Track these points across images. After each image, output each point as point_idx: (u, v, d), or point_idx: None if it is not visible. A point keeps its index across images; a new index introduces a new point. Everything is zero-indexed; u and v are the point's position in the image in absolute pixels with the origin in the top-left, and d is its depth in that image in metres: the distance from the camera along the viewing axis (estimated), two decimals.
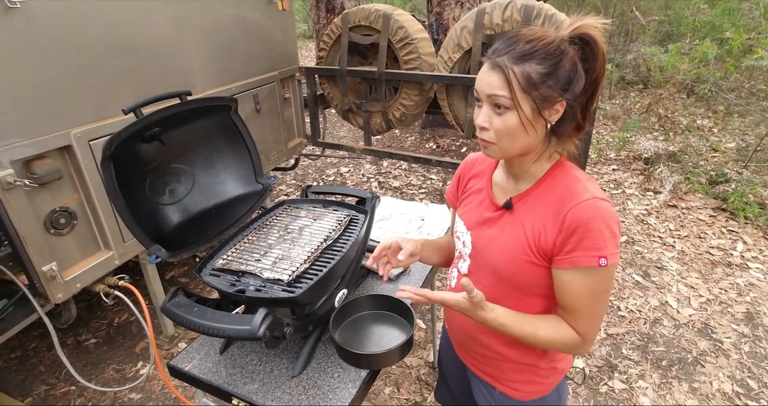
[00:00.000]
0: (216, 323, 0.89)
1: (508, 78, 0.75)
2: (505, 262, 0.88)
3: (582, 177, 0.84)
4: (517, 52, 0.75)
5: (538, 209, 0.85)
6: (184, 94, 1.20)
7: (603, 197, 0.80)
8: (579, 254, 0.79)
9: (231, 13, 2.27)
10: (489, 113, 0.79)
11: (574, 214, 0.79)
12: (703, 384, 2.02)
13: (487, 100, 0.79)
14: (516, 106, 0.76)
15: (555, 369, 1.00)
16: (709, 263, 2.84)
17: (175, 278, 2.77)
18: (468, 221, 0.99)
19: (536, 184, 0.87)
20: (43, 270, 1.52)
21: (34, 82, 1.46)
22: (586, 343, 0.87)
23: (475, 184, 1.01)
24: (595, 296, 0.82)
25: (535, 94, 0.75)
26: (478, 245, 0.95)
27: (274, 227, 1.29)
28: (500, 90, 0.76)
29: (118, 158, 1.03)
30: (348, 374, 1.09)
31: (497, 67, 0.76)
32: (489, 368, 1.03)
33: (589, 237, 0.78)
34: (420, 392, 2.01)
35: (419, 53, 2.70)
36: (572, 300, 0.84)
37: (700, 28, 4.48)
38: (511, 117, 0.77)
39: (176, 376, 1.14)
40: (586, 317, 0.84)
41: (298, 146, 3.05)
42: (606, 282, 0.82)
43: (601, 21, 0.77)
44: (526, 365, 0.98)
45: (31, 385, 2.05)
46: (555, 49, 0.75)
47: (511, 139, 0.80)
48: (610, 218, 0.78)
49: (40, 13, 1.44)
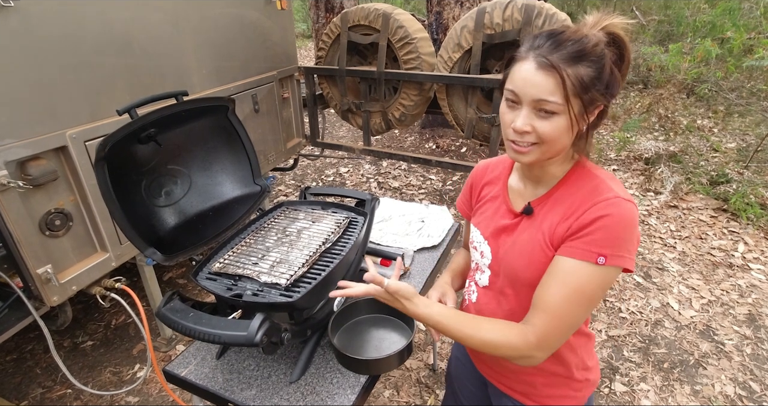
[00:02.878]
0: (212, 329, 0.87)
1: (563, 80, 0.69)
2: (525, 268, 0.83)
3: (606, 177, 0.80)
4: (569, 52, 0.70)
5: (557, 210, 0.81)
6: (180, 95, 1.18)
7: (627, 198, 0.75)
8: (579, 246, 0.74)
9: (229, 12, 2.25)
10: (530, 116, 0.73)
11: (594, 209, 0.75)
12: (705, 387, 2.00)
13: (530, 104, 0.73)
14: (568, 110, 0.71)
15: (588, 381, 0.94)
16: (710, 264, 2.83)
17: (173, 279, 2.75)
18: (485, 231, 0.94)
19: (556, 186, 0.83)
20: (38, 273, 1.50)
21: (28, 82, 1.44)
22: (540, 349, 0.77)
23: (490, 192, 0.97)
24: (576, 298, 0.75)
25: (585, 98, 0.71)
26: (498, 254, 0.90)
27: (272, 230, 1.27)
28: (551, 95, 0.70)
29: (113, 160, 1.01)
30: (347, 380, 1.07)
31: (550, 67, 0.69)
32: (519, 385, 0.96)
33: (599, 233, 0.73)
34: (420, 394, 1.99)
35: (419, 53, 2.68)
36: (551, 292, 0.76)
37: (701, 27, 4.47)
38: (560, 121, 0.72)
39: (172, 381, 1.12)
40: (554, 317, 0.76)
41: (297, 146, 3.03)
42: (596, 286, 0.74)
43: (627, 21, 0.73)
44: (560, 377, 0.92)
45: (27, 388, 2.03)
46: (600, 51, 0.71)
47: (553, 144, 0.75)
48: (629, 219, 0.73)
49: (35, 12, 1.42)
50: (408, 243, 1.64)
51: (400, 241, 1.65)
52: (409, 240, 1.66)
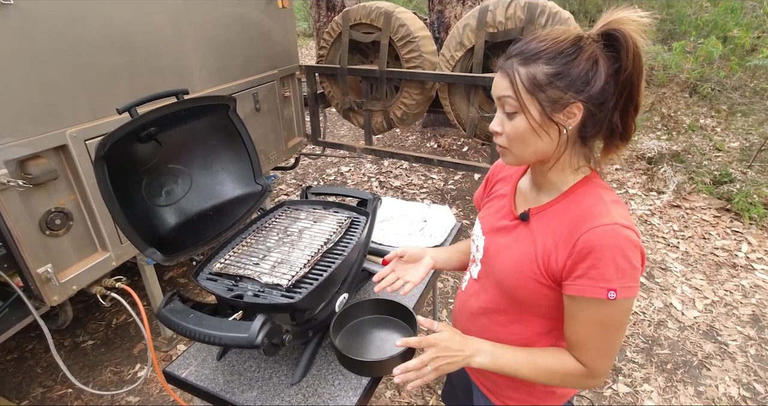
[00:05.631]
0: (212, 331, 0.86)
1: (512, 80, 0.73)
2: (510, 274, 0.85)
3: (608, 198, 0.77)
4: (525, 54, 0.74)
5: (554, 225, 0.80)
6: (180, 93, 1.17)
7: (626, 224, 0.72)
8: (586, 283, 0.73)
9: (230, 10, 2.24)
10: (501, 118, 0.78)
11: (587, 237, 0.72)
12: (708, 388, 1.99)
13: (498, 104, 0.78)
14: (522, 108, 0.74)
15: (553, 393, 0.95)
16: (713, 264, 2.81)
17: (174, 278, 2.74)
18: (485, 226, 0.96)
19: (557, 198, 0.82)
20: (38, 272, 1.50)
21: (28, 80, 1.43)
22: (595, 377, 0.80)
23: (500, 189, 0.98)
24: (605, 329, 0.76)
25: (541, 96, 0.72)
26: (489, 251, 0.92)
27: (273, 230, 1.26)
28: (506, 91, 0.75)
29: (113, 159, 1.00)
30: (349, 382, 1.06)
31: (501, 69, 0.76)
32: (486, 381, 1.01)
33: (600, 266, 0.71)
34: (422, 395, 1.98)
35: (421, 51, 2.66)
36: (579, 330, 0.78)
37: (703, 26, 4.45)
38: (520, 121, 0.75)
39: (172, 383, 1.12)
40: (594, 349, 0.78)
41: (299, 145, 3.02)
42: (619, 316, 0.75)
43: (639, 13, 0.69)
44: (519, 383, 0.93)
45: (28, 387, 2.02)
46: (568, 47, 0.71)
47: (521, 145, 0.77)
48: (629, 248, 0.71)
49: (35, 10, 1.41)
50: (410, 243, 1.63)
51: (402, 241, 1.64)
52: (411, 240, 1.65)
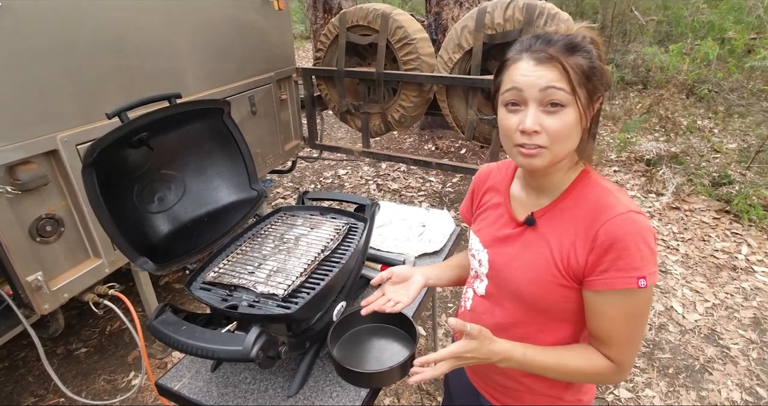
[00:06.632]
0: (205, 344, 0.83)
1: (566, 70, 0.68)
2: (529, 283, 0.80)
3: (612, 188, 0.77)
4: (562, 45, 0.70)
5: (565, 224, 0.77)
6: (173, 97, 1.14)
7: (638, 211, 0.73)
8: (615, 275, 0.71)
9: (226, 12, 2.21)
10: (538, 115, 0.70)
11: (608, 229, 0.71)
12: (711, 392, 1.97)
13: (537, 100, 0.70)
14: (576, 100, 0.69)
15: (581, 402, 0.92)
16: (713, 267, 2.79)
17: (169, 284, 2.71)
18: (484, 239, 0.91)
19: (561, 197, 0.79)
20: (28, 280, 1.46)
21: (18, 83, 1.40)
22: (623, 371, 0.79)
23: (491, 199, 0.93)
24: (632, 320, 0.75)
25: (589, 87, 0.70)
26: (497, 264, 0.87)
27: (268, 237, 1.23)
28: (559, 82, 0.68)
29: (103, 165, 0.97)
30: (347, 394, 1.03)
31: (550, 59, 0.68)
32: (508, 400, 0.94)
33: (626, 256, 0.70)
34: (421, 401, 1.95)
35: (418, 53, 2.64)
36: (607, 325, 0.76)
37: (699, 28, 4.45)
38: (569, 114, 0.70)
39: (165, 395, 1.08)
40: (623, 342, 0.77)
41: (295, 149, 2.99)
42: (645, 304, 0.74)
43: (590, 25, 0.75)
44: (550, 397, 0.90)
45: (19, 397, 1.98)
46: (588, 45, 0.71)
47: (564, 142, 0.72)
48: (648, 234, 0.71)
49: (25, 12, 1.38)
50: (409, 248, 1.60)
51: (401, 246, 1.62)
52: (410, 245, 1.62)
